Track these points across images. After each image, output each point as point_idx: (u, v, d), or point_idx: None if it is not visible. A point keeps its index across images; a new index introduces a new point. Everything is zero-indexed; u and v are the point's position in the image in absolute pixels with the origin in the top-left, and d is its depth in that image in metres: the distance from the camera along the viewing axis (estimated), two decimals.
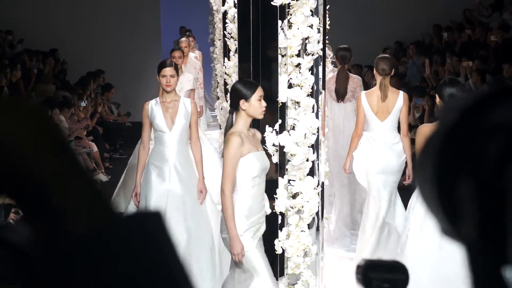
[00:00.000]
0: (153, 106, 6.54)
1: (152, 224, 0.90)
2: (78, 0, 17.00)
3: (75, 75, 15.54)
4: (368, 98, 7.08)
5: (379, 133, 7.04)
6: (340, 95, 8.39)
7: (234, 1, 7.99)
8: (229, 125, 5.16)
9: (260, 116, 5.20)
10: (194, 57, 13.74)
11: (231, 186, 5.01)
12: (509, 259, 0.77)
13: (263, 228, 5.32)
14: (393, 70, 7.18)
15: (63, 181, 0.89)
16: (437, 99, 5.99)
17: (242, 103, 5.08)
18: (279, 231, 5.73)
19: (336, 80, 8.39)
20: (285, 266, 5.96)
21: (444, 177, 0.80)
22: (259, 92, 5.15)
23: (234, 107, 5.14)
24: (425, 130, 5.64)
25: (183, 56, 9.92)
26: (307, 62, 5.57)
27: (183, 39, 12.24)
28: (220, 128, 12.69)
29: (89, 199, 0.90)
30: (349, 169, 7.31)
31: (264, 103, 5.20)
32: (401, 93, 7.15)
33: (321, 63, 6.06)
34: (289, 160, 5.65)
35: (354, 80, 8.47)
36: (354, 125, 7.31)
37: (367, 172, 7.08)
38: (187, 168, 6.53)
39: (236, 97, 5.12)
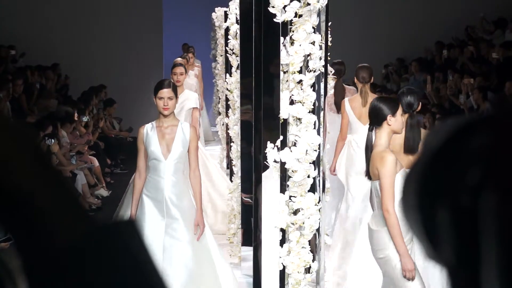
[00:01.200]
0: (149, 131, 5.96)
1: (127, 233, 0.93)
2: (80, 14, 17.05)
3: (77, 89, 15.57)
4: (351, 104, 7.74)
5: (361, 136, 7.49)
6: (338, 106, 8.61)
7: (236, 18, 8.02)
8: (370, 143, 5.20)
9: (401, 131, 5.38)
10: (194, 75, 13.64)
11: (393, 203, 4.94)
12: (484, 283, 0.79)
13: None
14: (372, 77, 7.84)
15: (45, 194, 0.91)
16: None
17: (390, 118, 5.20)
18: (279, 247, 5.72)
19: (334, 93, 8.69)
20: (285, 283, 5.94)
21: (426, 203, 0.83)
22: (401, 107, 5.39)
23: (379, 123, 5.21)
24: None
25: (185, 72, 9.04)
26: (308, 78, 5.58)
27: (179, 59, 11.76)
28: (221, 144, 12.70)
29: (69, 211, 0.93)
30: (335, 171, 7.85)
31: (404, 118, 5.53)
32: None
33: (323, 80, 6.07)
34: (290, 177, 5.65)
35: (351, 91, 8.91)
36: (354, 136, 7.88)
37: (347, 172, 7.70)
38: (184, 200, 5.96)
39: (383, 113, 5.23)
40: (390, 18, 17.31)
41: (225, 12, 9.50)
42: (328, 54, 6.42)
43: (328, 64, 8.22)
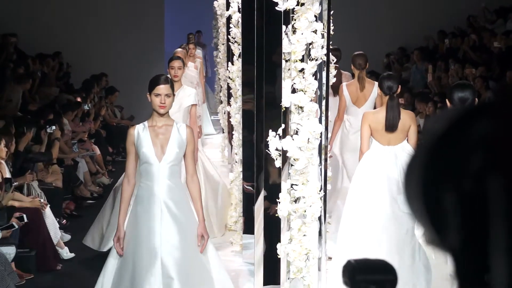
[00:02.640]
0: (140, 132, 5.38)
1: None
2: (82, 3, 17.03)
3: (78, 78, 15.56)
4: (348, 89, 8.24)
5: (355, 118, 8.00)
6: (335, 89, 8.75)
7: (238, 6, 8.02)
8: None
9: None
10: (193, 67, 13.48)
11: None
12: (491, 266, 0.79)
13: None
14: (367, 64, 8.37)
15: None
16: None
17: None
18: (281, 235, 5.74)
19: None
20: (287, 271, 5.96)
21: (429, 189, 0.83)
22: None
23: None
24: (367, 115, 6.50)
25: (183, 66, 8.31)
26: (310, 67, 5.58)
27: (179, 49, 11.45)
28: (223, 132, 12.71)
29: None
30: (331, 152, 8.11)
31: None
32: (376, 84, 7.93)
33: (325, 68, 6.07)
34: (292, 165, 5.66)
35: (346, 76, 9.27)
36: (349, 117, 8.39)
37: (341, 150, 8.23)
38: (182, 207, 5.38)
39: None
40: (392, 7, 17.27)
41: (227, 0, 9.49)
42: (330, 43, 6.42)
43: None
